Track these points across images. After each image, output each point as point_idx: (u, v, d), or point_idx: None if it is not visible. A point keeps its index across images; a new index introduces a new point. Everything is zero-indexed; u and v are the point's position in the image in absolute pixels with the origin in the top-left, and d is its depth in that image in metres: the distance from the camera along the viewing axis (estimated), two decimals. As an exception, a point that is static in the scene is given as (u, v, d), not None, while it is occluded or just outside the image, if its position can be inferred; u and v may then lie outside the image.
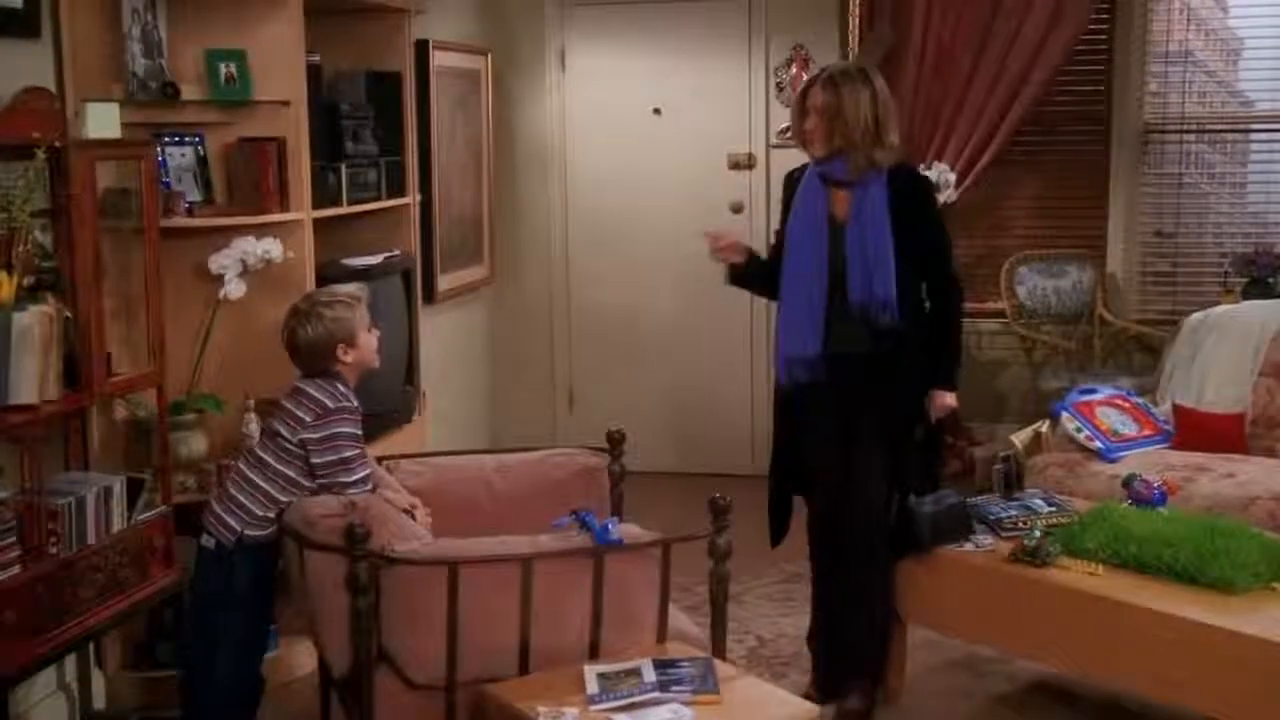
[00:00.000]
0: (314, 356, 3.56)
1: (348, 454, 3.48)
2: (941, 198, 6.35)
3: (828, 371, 3.86)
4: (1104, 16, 6.40)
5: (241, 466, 3.56)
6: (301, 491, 3.48)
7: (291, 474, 3.49)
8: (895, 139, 3.87)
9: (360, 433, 3.56)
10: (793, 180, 4.04)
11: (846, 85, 3.81)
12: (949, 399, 3.93)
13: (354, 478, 3.48)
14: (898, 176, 3.86)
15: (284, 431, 3.50)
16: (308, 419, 3.48)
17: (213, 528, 3.52)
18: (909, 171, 3.97)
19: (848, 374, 3.86)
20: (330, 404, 3.51)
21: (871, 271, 3.79)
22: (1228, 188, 6.60)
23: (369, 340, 3.65)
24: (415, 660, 3.13)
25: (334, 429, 3.48)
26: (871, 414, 3.87)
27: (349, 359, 3.58)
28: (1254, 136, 6.55)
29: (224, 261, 4.06)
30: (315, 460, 3.47)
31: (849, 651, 3.99)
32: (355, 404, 3.57)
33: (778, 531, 4.10)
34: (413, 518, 3.49)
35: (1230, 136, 6.59)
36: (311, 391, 3.52)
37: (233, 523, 3.50)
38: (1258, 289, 5.88)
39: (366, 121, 4.83)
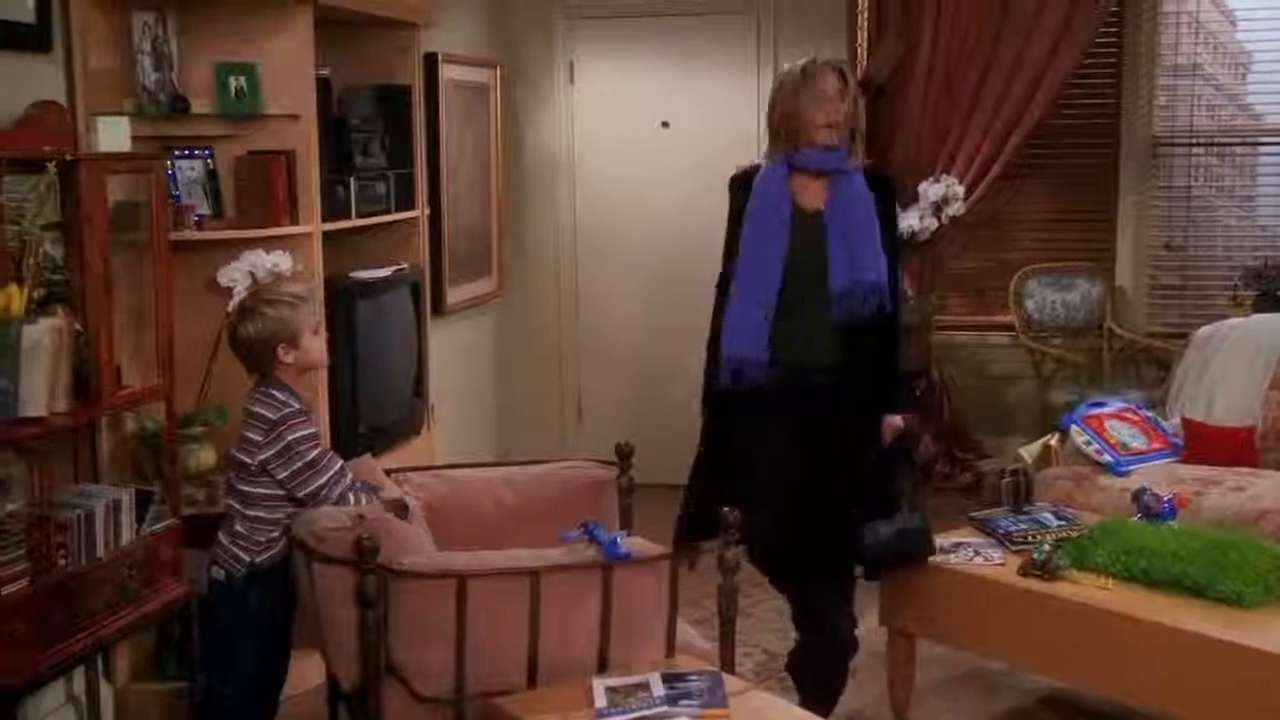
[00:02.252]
0: (253, 355, 3.50)
1: (310, 456, 3.43)
2: (950, 211, 6.37)
3: (782, 378, 3.70)
4: (1112, 29, 6.41)
5: (231, 502, 3.52)
6: (290, 504, 3.45)
7: (271, 494, 3.46)
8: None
9: (311, 431, 3.49)
10: (744, 183, 3.83)
11: (850, 74, 3.77)
12: (897, 421, 3.80)
13: (325, 477, 3.43)
14: (872, 170, 3.79)
15: (245, 459, 3.45)
16: (259, 439, 3.43)
17: (222, 560, 3.49)
18: (882, 168, 3.89)
19: (804, 385, 3.70)
20: (272, 415, 3.44)
21: (858, 254, 3.65)
22: (1237, 201, 6.59)
23: (313, 342, 3.55)
24: (423, 673, 3.13)
25: (285, 439, 3.42)
26: (829, 428, 3.71)
27: (289, 359, 3.49)
28: (1263, 150, 6.56)
29: (233, 274, 4.06)
30: (281, 476, 3.42)
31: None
32: (297, 406, 3.48)
33: (690, 535, 3.86)
34: (405, 506, 3.50)
35: (1239, 150, 6.59)
36: (255, 409, 3.46)
37: (241, 554, 3.47)
38: (1267, 302, 5.88)
39: (376, 134, 4.84)
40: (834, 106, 3.68)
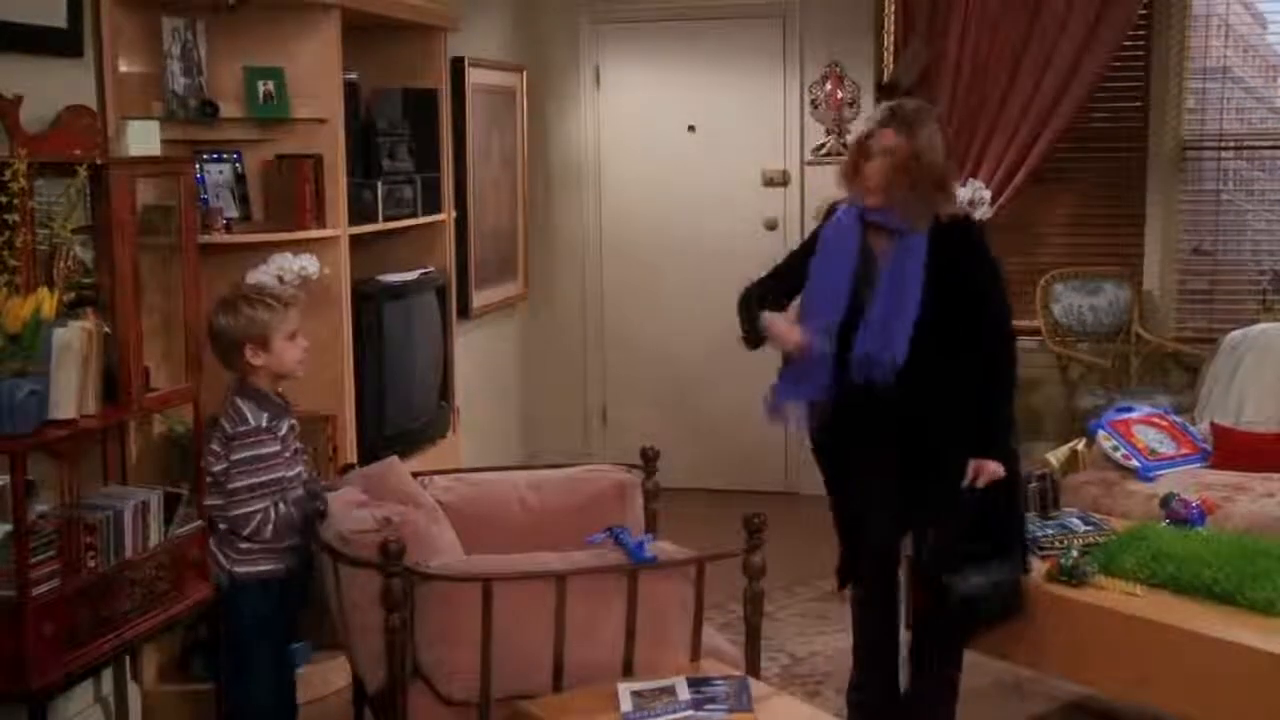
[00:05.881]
0: (221, 349, 3.51)
1: (246, 481, 3.44)
2: (977, 214, 6.33)
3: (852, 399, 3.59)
4: (1141, 32, 6.38)
5: (212, 508, 3.56)
6: None
7: None
8: (956, 185, 3.64)
9: (262, 453, 3.46)
10: (832, 211, 3.75)
11: (922, 126, 3.48)
12: (989, 467, 3.53)
13: (240, 512, 3.45)
14: (945, 228, 3.53)
15: (209, 468, 3.50)
16: (219, 450, 3.47)
17: (212, 566, 3.55)
18: (957, 222, 3.57)
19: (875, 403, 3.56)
20: (229, 429, 3.45)
21: (890, 323, 3.50)
22: (1266, 205, 6.54)
23: (286, 348, 3.51)
24: (449, 676, 3.13)
25: (234, 456, 3.44)
26: (915, 458, 3.57)
27: (258, 361, 3.48)
28: (1292, 153, 6.51)
29: (261, 278, 4.08)
30: (228, 489, 3.46)
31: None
32: (254, 423, 3.45)
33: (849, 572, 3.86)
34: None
35: (1269, 153, 6.54)
36: (220, 418, 3.48)
37: (222, 561, 3.54)
38: (1297, 307, 5.84)
39: (403, 138, 4.86)
40: (876, 175, 3.50)
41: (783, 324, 3.65)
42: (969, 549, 3.61)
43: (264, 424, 3.44)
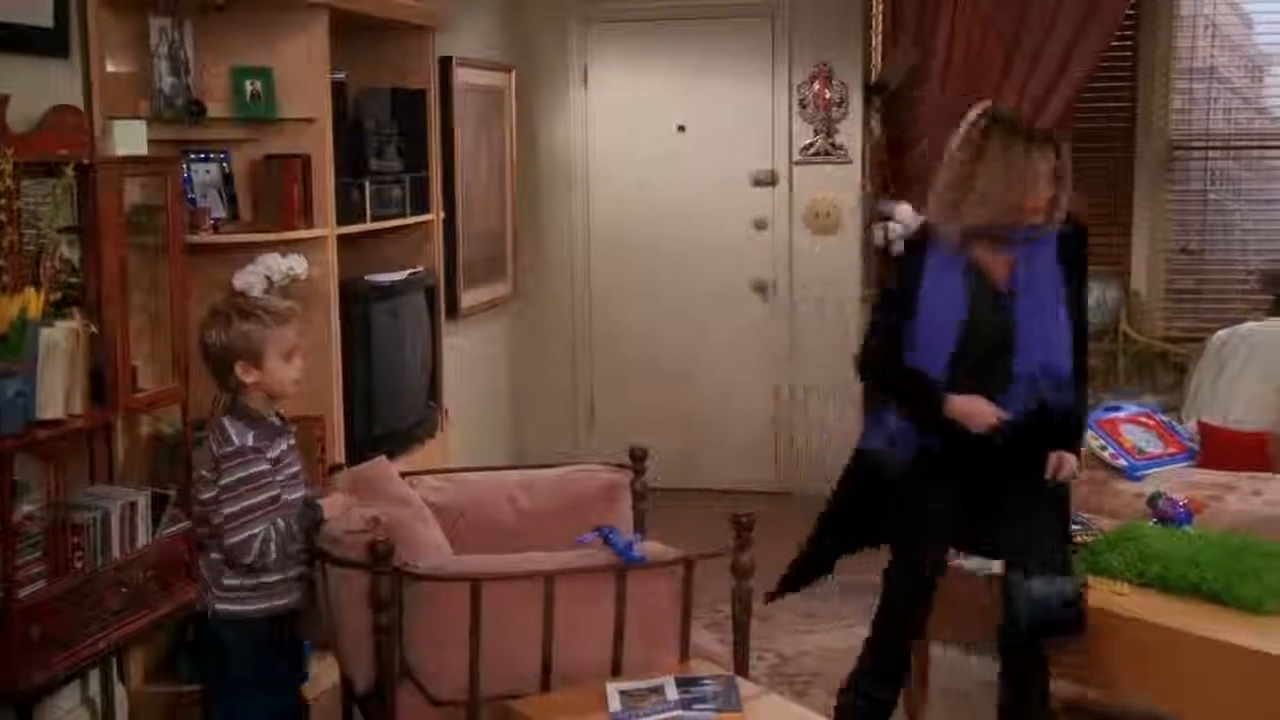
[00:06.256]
0: (210, 364, 3.21)
1: (229, 509, 3.09)
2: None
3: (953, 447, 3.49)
4: (1129, 33, 6.38)
5: (198, 529, 3.29)
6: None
7: None
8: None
9: (252, 473, 3.12)
10: (918, 247, 3.55)
11: (1062, 144, 3.42)
12: (1071, 460, 3.55)
13: (237, 539, 3.09)
14: (1066, 229, 3.45)
15: (201, 494, 3.20)
16: (207, 475, 3.16)
17: (199, 594, 3.29)
18: (1076, 221, 3.50)
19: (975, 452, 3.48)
20: (215, 451, 3.14)
21: (1050, 342, 3.42)
22: (1253, 205, 6.56)
23: (280, 368, 3.18)
24: (438, 676, 3.13)
25: (223, 480, 3.10)
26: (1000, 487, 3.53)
27: (250, 379, 3.15)
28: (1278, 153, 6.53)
29: (249, 278, 4.07)
30: (216, 521, 3.12)
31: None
32: (240, 443, 3.13)
33: (797, 582, 3.93)
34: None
35: (1256, 153, 6.56)
36: (207, 439, 3.19)
37: (203, 591, 3.25)
38: (1283, 307, 5.85)
39: (391, 138, 4.85)
40: (1048, 191, 3.38)
41: (972, 404, 3.45)
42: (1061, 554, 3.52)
43: (250, 443, 3.12)
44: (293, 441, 3.31)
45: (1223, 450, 5.01)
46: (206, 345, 3.19)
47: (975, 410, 3.44)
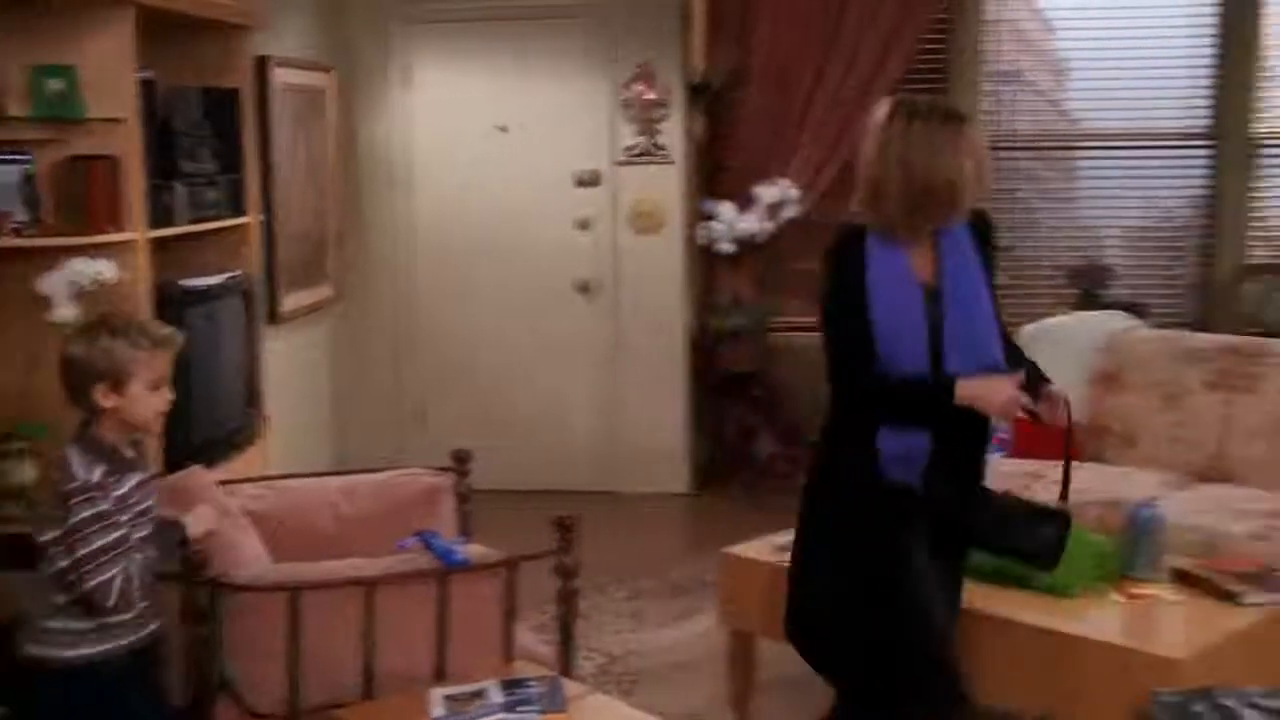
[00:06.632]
0: (69, 381, 2.90)
1: (81, 551, 2.78)
2: (785, 214, 6.47)
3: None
4: (940, 37, 6.57)
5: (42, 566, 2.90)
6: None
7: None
8: None
9: (101, 510, 2.81)
10: (846, 248, 3.20)
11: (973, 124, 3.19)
12: (1058, 389, 3.33)
13: (95, 583, 2.78)
14: (974, 218, 3.24)
15: (43, 533, 2.87)
16: (55, 512, 2.83)
17: (36, 651, 2.91)
18: (984, 214, 3.31)
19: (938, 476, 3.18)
20: (60, 487, 2.84)
21: (980, 333, 3.17)
22: (1058, 203, 6.82)
23: (145, 397, 2.89)
24: (258, 688, 3.07)
25: (71, 520, 2.79)
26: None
27: (109, 404, 2.86)
28: (1080, 153, 6.80)
29: (54, 283, 3.94)
30: (63, 564, 2.82)
31: None
32: (83, 479, 2.81)
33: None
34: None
35: (1060, 154, 6.82)
36: (54, 472, 2.91)
37: (28, 633, 2.90)
38: (1088, 300, 6.09)
39: (204, 139, 4.74)
40: (971, 170, 3.13)
41: (986, 384, 3.12)
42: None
43: (94, 479, 2.82)
44: (146, 477, 3.01)
45: (1032, 440, 5.17)
46: (66, 359, 2.90)
47: (993, 388, 3.12)
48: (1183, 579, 3.72)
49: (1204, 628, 3.47)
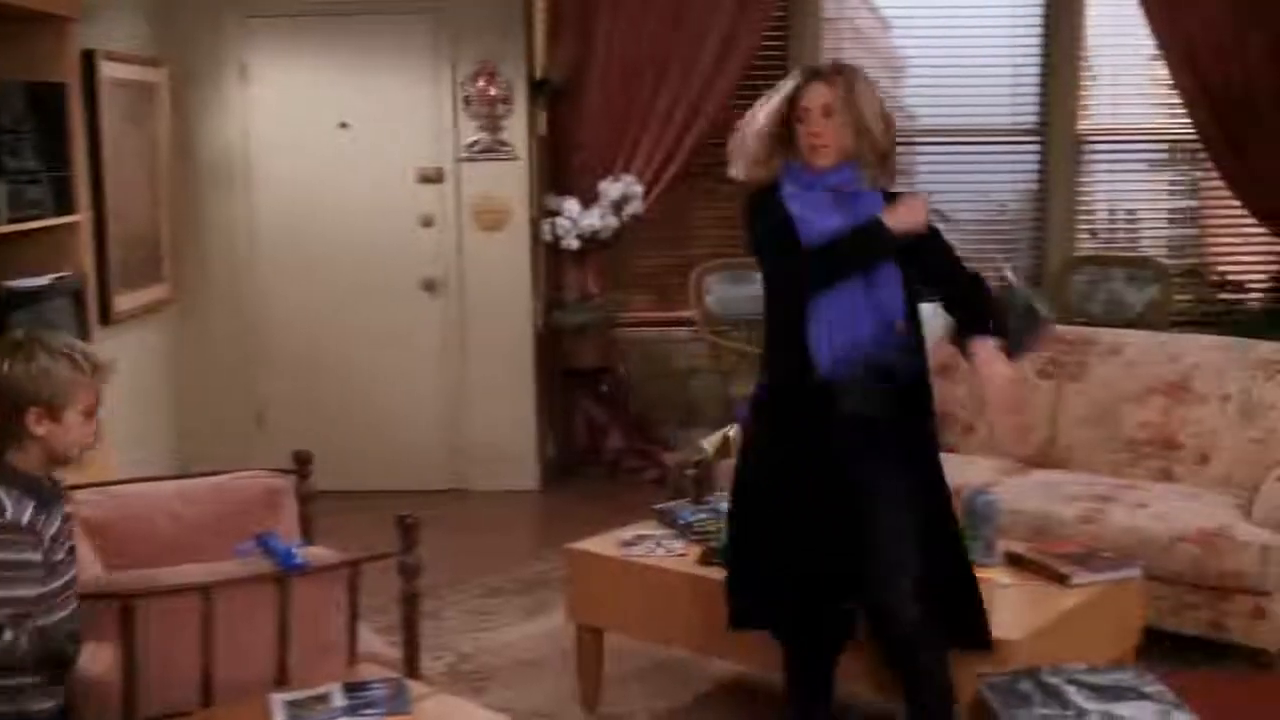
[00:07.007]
0: None
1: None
2: (629, 209, 6.50)
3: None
4: (779, 35, 6.66)
5: None
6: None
7: None
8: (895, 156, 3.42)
9: (17, 558, 2.61)
10: (762, 203, 3.43)
11: (857, 78, 3.31)
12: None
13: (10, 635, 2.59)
14: (894, 191, 3.42)
15: None
16: None
17: None
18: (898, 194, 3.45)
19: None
20: None
21: (880, 291, 3.33)
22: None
23: (79, 427, 2.75)
24: (90, 699, 2.98)
25: None
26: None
27: (41, 431, 2.68)
28: (917, 148, 6.95)
29: None
30: None
31: None
32: (12, 518, 2.62)
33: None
34: None
35: (900, 149, 6.93)
36: None
37: None
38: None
39: (27, 135, 4.58)
40: (822, 125, 3.29)
41: (904, 204, 3.38)
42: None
43: (25, 519, 2.62)
44: (68, 510, 2.86)
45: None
46: None
47: (913, 204, 3.37)
48: (1017, 562, 3.83)
49: (1036, 609, 3.59)
